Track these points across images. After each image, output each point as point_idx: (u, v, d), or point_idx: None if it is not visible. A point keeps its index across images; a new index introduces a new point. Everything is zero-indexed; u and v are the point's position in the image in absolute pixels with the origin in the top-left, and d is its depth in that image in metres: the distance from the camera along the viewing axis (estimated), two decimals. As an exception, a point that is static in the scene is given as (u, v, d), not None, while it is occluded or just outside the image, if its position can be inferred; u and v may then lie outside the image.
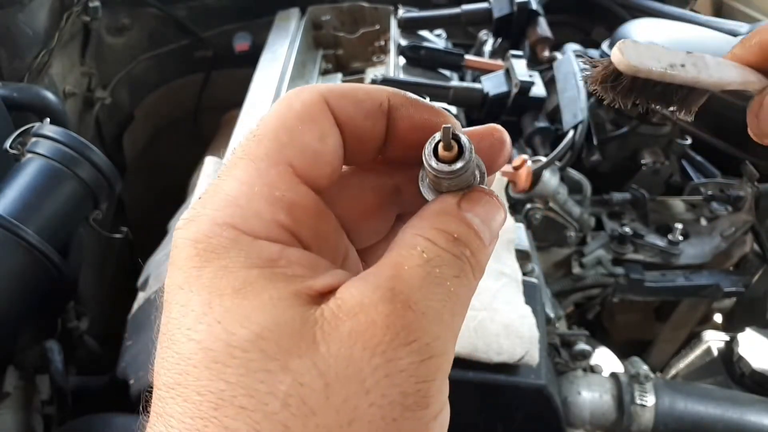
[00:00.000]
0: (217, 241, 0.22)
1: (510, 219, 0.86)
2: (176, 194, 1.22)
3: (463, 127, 0.26)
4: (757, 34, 0.24)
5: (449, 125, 0.24)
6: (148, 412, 0.23)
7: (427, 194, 0.26)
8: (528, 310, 0.74)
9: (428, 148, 0.24)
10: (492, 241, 0.25)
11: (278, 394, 0.20)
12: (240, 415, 0.20)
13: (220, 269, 0.22)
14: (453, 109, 1.16)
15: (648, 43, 0.25)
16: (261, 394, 0.20)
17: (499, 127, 0.27)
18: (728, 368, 0.99)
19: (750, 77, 0.24)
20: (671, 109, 0.26)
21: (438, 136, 0.24)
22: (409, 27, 1.36)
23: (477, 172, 0.26)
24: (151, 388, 0.23)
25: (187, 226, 0.23)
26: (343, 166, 0.27)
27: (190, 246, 0.23)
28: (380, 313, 0.21)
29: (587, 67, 0.26)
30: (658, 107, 0.27)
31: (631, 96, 0.26)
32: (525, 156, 1.03)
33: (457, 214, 0.24)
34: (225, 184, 0.24)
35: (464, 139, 0.24)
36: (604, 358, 1.02)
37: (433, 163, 0.24)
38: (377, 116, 0.26)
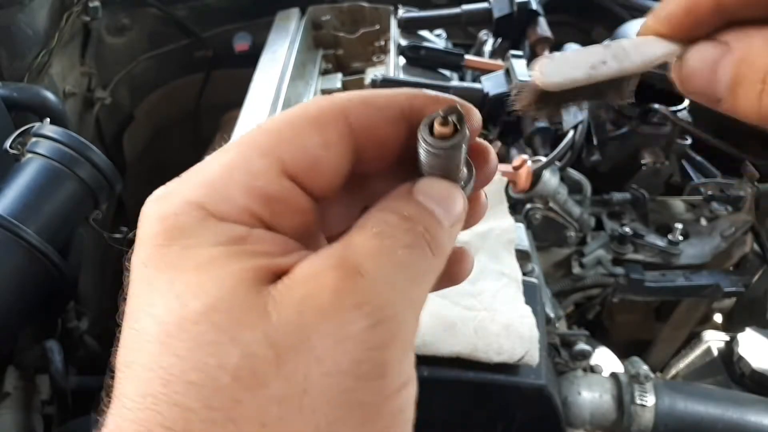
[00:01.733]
0: (183, 219, 0.22)
1: (510, 219, 0.86)
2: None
3: None
4: (664, 6, 0.24)
5: (453, 104, 0.24)
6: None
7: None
8: (528, 310, 0.74)
9: (425, 122, 0.25)
10: (454, 223, 0.25)
11: (228, 367, 0.19)
12: (189, 390, 0.19)
13: (186, 247, 0.22)
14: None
15: (562, 54, 0.25)
16: (210, 367, 0.19)
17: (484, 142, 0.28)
18: (728, 368, 0.99)
19: (669, 48, 0.24)
20: (607, 99, 0.26)
21: (436, 114, 0.24)
22: (409, 27, 1.36)
23: (464, 168, 0.26)
24: None
25: (157, 202, 0.23)
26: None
27: (156, 222, 0.23)
28: (329, 278, 0.21)
29: (513, 94, 0.26)
30: (593, 102, 0.27)
31: (565, 105, 0.26)
32: (525, 156, 1.03)
33: (408, 197, 0.24)
34: (207, 166, 0.24)
35: (462, 119, 0.24)
36: (604, 358, 1.02)
37: (427, 135, 0.24)
38: (397, 122, 0.25)
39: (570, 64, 0.24)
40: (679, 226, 1.20)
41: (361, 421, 0.20)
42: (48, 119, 0.97)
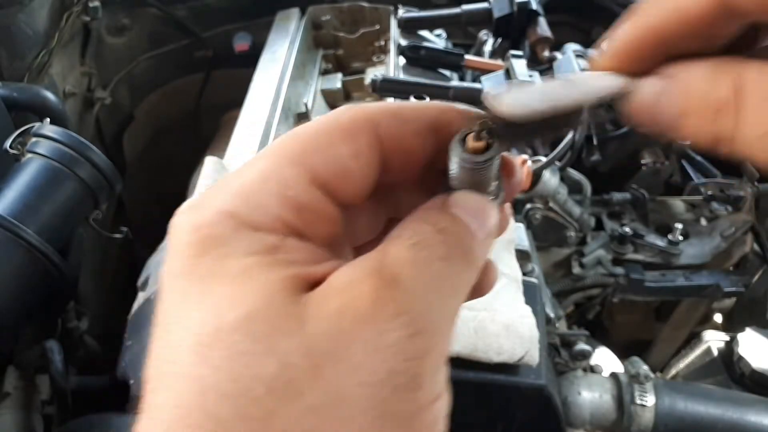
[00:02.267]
0: (217, 229, 0.22)
1: (510, 219, 0.85)
2: (176, 194, 1.22)
3: None
4: (611, 42, 0.25)
5: (487, 119, 0.24)
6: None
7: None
8: (528, 310, 0.74)
9: (458, 137, 0.25)
10: (487, 234, 0.25)
11: (263, 378, 0.19)
12: (224, 401, 0.19)
13: (220, 257, 0.22)
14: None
15: (519, 87, 0.25)
16: (246, 378, 0.19)
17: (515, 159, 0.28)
18: (728, 368, 0.99)
19: (621, 82, 0.25)
20: (563, 132, 0.27)
21: (471, 128, 0.25)
22: (409, 27, 1.36)
23: (494, 183, 0.26)
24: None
25: (189, 212, 0.23)
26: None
27: (189, 232, 0.22)
28: (367, 287, 0.21)
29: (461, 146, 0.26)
30: (549, 136, 0.27)
31: (525, 138, 0.27)
32: (525, 156, 1.03)
33: (442, 208, 0.25)
34: (240, 175, 0.24)
35: (496, 135, 0.25)
36: (604, 358, 1.02)
37: (461, 151, 0.25)
38: (425, 135, 0.26)
39: (528, 95, 0.25)
40: (679, 226, 1.20)
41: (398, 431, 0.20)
42: (48, 119, 0.97)
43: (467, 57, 1.27)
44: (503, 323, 0.71)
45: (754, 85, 0.20)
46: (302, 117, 1.14)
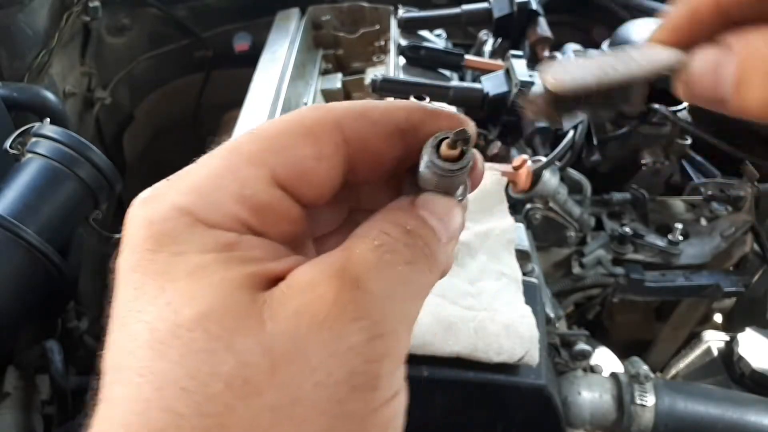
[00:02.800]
0: (172, 225, 0.22)
1: (510, 219, 0.85)
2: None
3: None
4: (668, 16, 0.25)
5: (464, 128, 0.24)
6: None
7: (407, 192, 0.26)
8: (528, 310, 0.74)
9: (431, 143, 0.25)
10: (450, 239, 0.25)
11: (221, 375, 0.19)
12: (182, 396, 0.19)
13: (174, 255, 0.22)
14: (453, 109, 1.16)
15: (572, 60, 0.25)
16: (203, 374, 0.19)
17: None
18: (728, 368, 0.99)
19: (675, 55, 0.25)
20: (617, 106, 0.27)
21: (445, 134, 0.25)
22: (409, 27, 1.36)
23: (461, 186, 0.26)
24: None
25: (144, 205, 0.23)
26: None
27: (144, 226, 0.22)
28: (328, 289, 0.21)
29: (524, 100, 0.26)
30: (604, 111, 0.27)
31: (574, 111, 0.26)
32: (525, 156, 1.03)
33: (411, 209, 0.24)
34: (196, 171, 0.24)
35: (471, 143, 0.25)
36: (604, 358, 1.02)
37: (435, 158, 0.24)
38: (393, 137, 0.25)
39: (580, 69, 0.25)
40: (679, 226, 1.20)
41: (352, 431, 0.20)
42: (48, 119, 0.97)
43: (467, 57, 1.27)
44: (503, 323, 0.71)
45: None
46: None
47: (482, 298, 0.74)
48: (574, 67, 0.25)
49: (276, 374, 0.20)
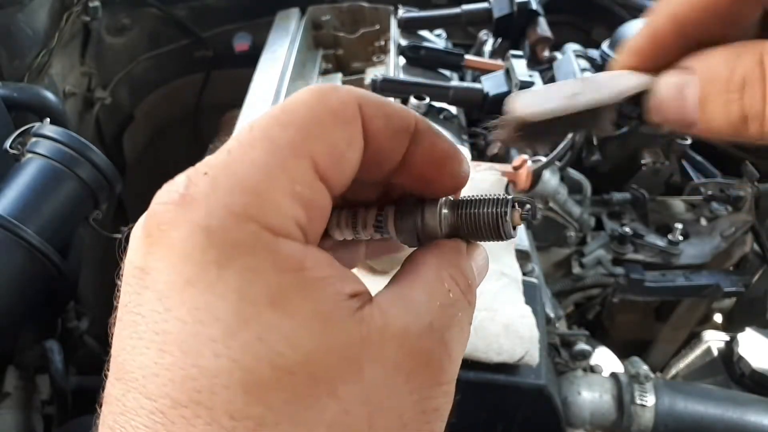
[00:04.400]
0: (237, 235, 0.19)
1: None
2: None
3: (462, 127, 0.27)
4: (631, 40, 0.26)
5: (533, 202, 0.26)
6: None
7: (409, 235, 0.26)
8: (528, 310, 0.74)
9: (511, 203, 0.25)
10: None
11: (324, 422, 0.19)
12: None
13: (248, 271, 0.19)
14: (453, 109, 1.16)
15: (539, 88, 0.26)
16: (307, 421, 0.19)
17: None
18: (728, 368, 0.99)
19: (640, 80, 0.25)
20: (586, 130, 0.28)
21: (520, 198, 0.26)
22: (409, 27, 1.36)
23: None
24: None
25: (190, 206, 0.20)
26: None
27: (202, 235, 0.19)
28: (423, 347, 0.21)
29: (494, 127, 0.27)
30: (572, 134, 0.28)
31: (545, 137, 0.27)
32: (525, 156, 1.03)
33: (468, 261, 0.25)
34: (239, 166, 0.20)
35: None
36: (604, 358, 1.02)
37: (509, 226, 0.25)
38: (403, 137, 0.24)
39: (548, 96, 0.26)
40: (679, 226, 1.20)
41: None
42: (48, 119, 0.97)
43: (467, 57, 1.27)
44: (503, 323, 0.71)
45: None
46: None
47: (482, 298, 0.74)
48: (542, 95, 0.26)
49: (373, 426, 0.20)
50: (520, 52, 1.19)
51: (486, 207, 0.25)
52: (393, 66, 1.23)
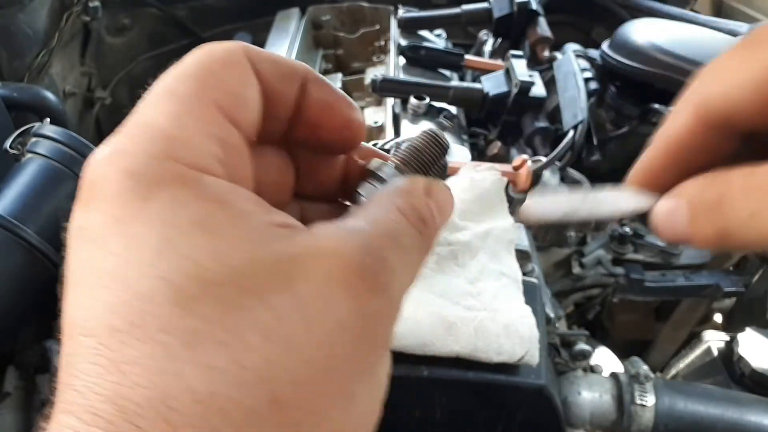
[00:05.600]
0: (160, 172, 0.20)
1: (510, 219, 0.85)
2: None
3: (462, 127, 0.29)
4: (638, 164, 0.30)
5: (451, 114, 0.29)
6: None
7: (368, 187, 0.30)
8: (528, 310, 0.74)
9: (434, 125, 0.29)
10: (440, 229, 0.28)
11: (259, 328, 0.19)
12: (220, 350, 0.19)
13: (172, 201, 0.20)
14: (453, 109, 1.16)
15: (547, 197, 0.30)
16: (240, 328, 0.19)
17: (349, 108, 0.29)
18: (728, 368, 0.99)
19: (640, 202, 0.29)
20: (583, 230, 0.31)
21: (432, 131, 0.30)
22: (409, 27, 1.36)
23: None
24: None
25: (115, 159, 0.21)
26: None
27: (125, 177, 0.20)
28: (358, 260, 0.22)
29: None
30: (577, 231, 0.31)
31: (552, 229, 0.31)
32: (525, 156, 1.03)
33: (425, 197, 0.27)
34: (149, 119, 0.22)
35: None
36: (604, 358, 1.02)
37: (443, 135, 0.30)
38: (292, 81, 0.26)
39: (550, 206, 0.30)
40: (679, 226, 1.20)
41: (371, 383, 0.22)
42: (48, 119, 0.97)
43: (467, 57, 1.27)
44: (503, 323, 0.71)
45: (736, 182, 0.24)
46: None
47: (482, 298, 0.74)
48: (546, 203, 0.30)
49: (312, 331, 0.20)
50: (520, 52, 1.19)
51: (418, 136, 0.30)
52: (393, 66, 1.23)
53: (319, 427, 0.20)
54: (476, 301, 0.74)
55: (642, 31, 1.23)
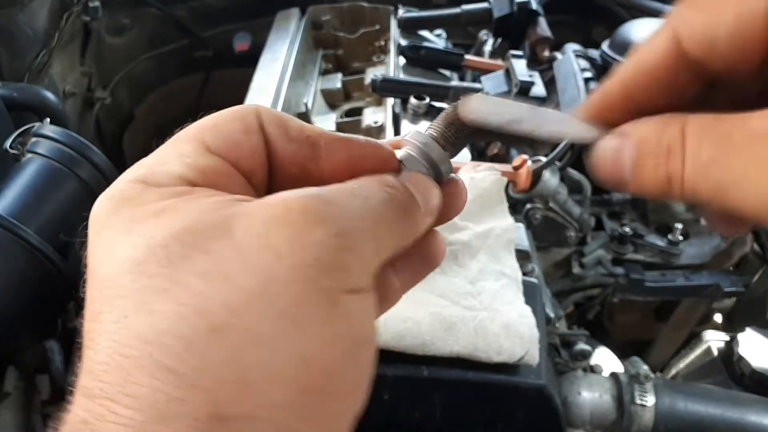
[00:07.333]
0: (130, 190, 0.24)
1: (510, 219, 0.86)
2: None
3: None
4: (591, 95, 0.28)
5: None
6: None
7: None
8: (528, 310, 0.74)
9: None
10: (428, 210, 0.27)
11: (197, 271, 0.21)
12: (161, 296, 0.21)
13: (137, 206, 0.23)
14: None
15: (497, 99, 0.28)
16: (180, 274, 0.21)
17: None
18: (728, 368, 0.99)
19: (581, 132, 0.27)
20: (520, 146, 0.30)
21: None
22: (409, 27, 1.36)
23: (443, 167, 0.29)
24: None
25: (104, 194, 0.26)
26: None
27: (105, 201, 0.25)
28: (299, 203, 0.23)
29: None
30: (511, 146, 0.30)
31: (485, 136, 0.29)
32: (525, 156, 1.03)
33: (394, 179, 0.27)
34: (145, 158, 0.26)
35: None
36: (604, 358, 1.02)
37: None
38: (301, 143, 0.27)
39: (494, 108, 0.28)
40: (679, 226, 1.20)
41: (323, 305, 0.22)
42: (48, 119, 0.97)
43: (467, 57, 1.27)
44: (503, 323, 0.71)
45: (698, 125, 0.23)
46: (302, 117, 1.14)
47: (482, 298, 0.74)
48: (492, 104, 0.28)
49: (248, 263, 0.21)
50: (520, 52, 1.19)
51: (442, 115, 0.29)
52: (393, 66, 1.23)
53: (265, 349, 0.21)
54: (476, 301, 0.74)
55: (642, 31, 1.23)
